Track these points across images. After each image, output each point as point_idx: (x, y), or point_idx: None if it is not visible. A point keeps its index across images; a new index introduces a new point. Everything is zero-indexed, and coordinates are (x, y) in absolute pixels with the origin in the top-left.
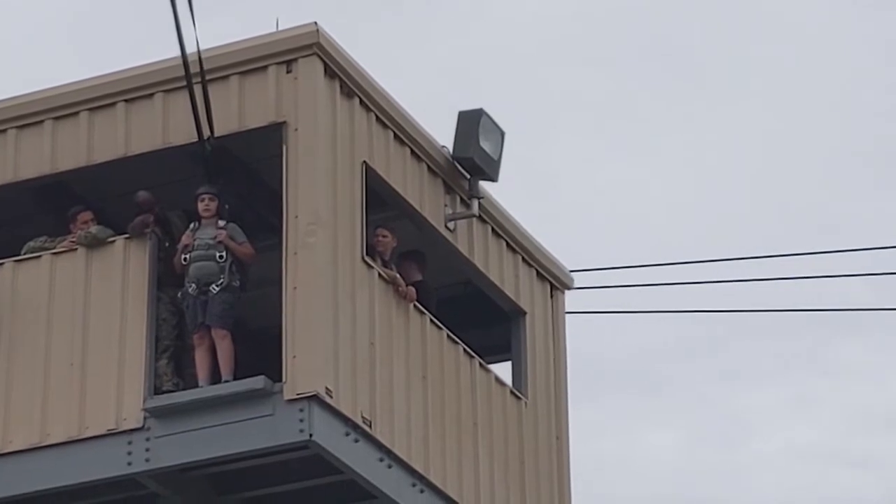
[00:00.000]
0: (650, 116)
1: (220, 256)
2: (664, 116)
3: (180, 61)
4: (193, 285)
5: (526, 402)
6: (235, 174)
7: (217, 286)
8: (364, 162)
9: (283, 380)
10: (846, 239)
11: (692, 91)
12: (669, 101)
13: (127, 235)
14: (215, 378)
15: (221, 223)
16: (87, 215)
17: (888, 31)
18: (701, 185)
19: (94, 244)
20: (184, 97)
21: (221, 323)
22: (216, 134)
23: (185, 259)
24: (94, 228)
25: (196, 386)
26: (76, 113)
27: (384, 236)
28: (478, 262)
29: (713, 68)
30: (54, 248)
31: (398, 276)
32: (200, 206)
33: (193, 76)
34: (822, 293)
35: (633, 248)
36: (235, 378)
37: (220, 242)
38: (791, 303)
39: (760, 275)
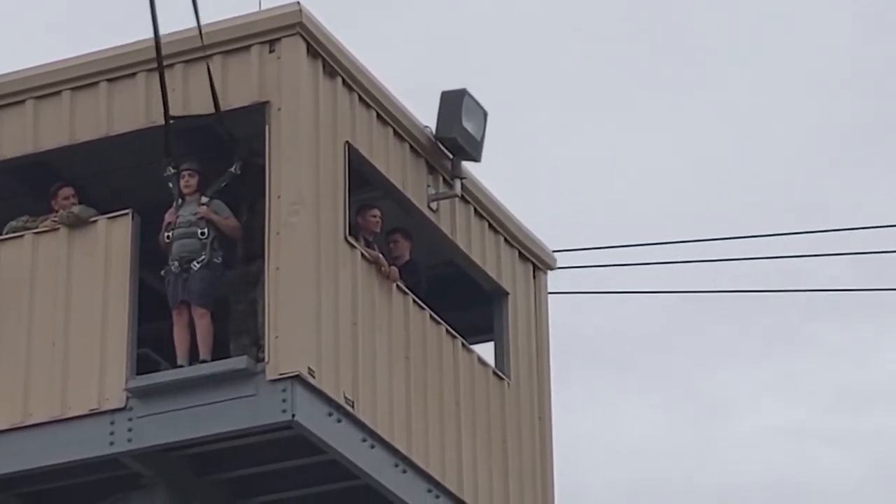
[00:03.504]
0: (635, 96)
1: (202, 233)
2: (649, 95)
3: (165, 41)
4: (176, 263)
5: (508, 383)
6: (226, 151)
7: (198, 263)
8: (347, 142)
9: (266, 360)
10: (826, 219)
11: (677, 69)
12: (655, 80)
13: (109, 215)
14: (193, 356)
15: (204, 199)
16: (69, 191)
17: (869, 8)
18: (683, 165)
19: (77, 224)
20: (168, 76)
21: (200, 301)
22: (198, 112)
23: (167, 237)
24: (76, 208)
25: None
26: (58, 92)
27: (373, 217)
28: (460, 242)
29: (699, 45)
30: (36, 227)
31: (381, 256)
32: (181, 182)
33: (168, 57)
34: (802, 272)
35: (615, 228)
36: (213, 357)
37: (201, 219)
38: (771, 282)
39: (741, 254)
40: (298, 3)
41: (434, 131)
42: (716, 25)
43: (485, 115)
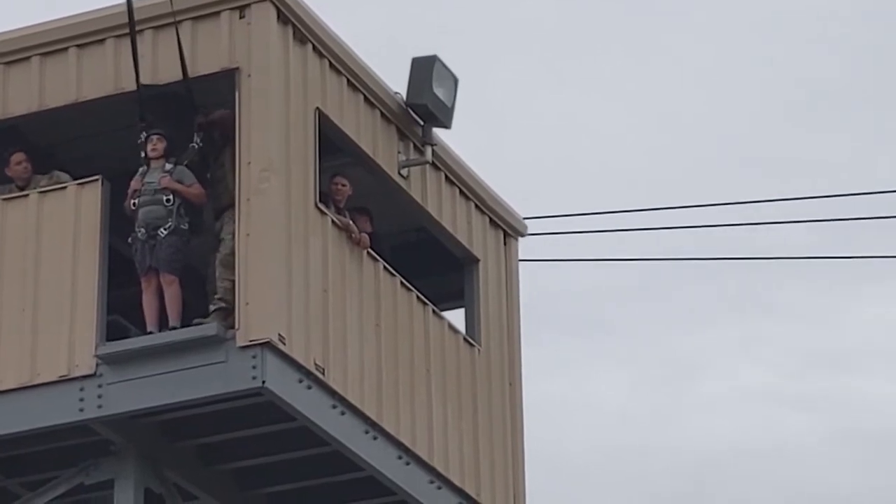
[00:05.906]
0: (603, 57)
1: (168, 200)
2: (619, 56)
3: (135, 6)
4: (143, 230)
5: (479, 350)
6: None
7: (165, 230)
8: (317, 108)
9: (236, 326)
10: (797, 182)
11: (649, 29)
12: (624, 41)
13: (79, 181)
14: (163, 322)
15: (168, 166)
16: (20, 156)
17: None
18: (648, 132)
19: None
20: (138, 42)
21: (169, 267)
22: (168, 79)
23: (133, 204)
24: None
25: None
26: (28, 58)
27: (343, 185)
28: (431, 209)
29: (671, 4)
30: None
31: (351, 223)
32: (149, 146)
33: (138, 23)
34: (766, 237)
35: (585, 191)
36: (183, 324)
37: (164, 188)
38: (736, 246)
39: (707, 219)
40: None
41: (405, 98)
42: None
43: (455, 81)
